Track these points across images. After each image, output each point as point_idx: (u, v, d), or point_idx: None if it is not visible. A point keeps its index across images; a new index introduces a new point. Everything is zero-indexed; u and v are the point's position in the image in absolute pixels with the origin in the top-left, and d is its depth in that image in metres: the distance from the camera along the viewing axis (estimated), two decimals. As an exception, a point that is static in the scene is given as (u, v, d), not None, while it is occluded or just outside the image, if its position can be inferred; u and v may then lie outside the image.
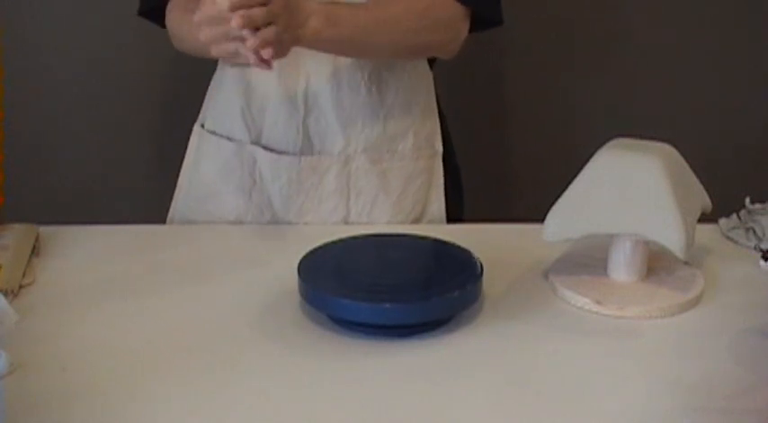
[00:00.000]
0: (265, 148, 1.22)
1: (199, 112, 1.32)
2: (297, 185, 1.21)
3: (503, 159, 1.93)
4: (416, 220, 1.25)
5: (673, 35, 1.84)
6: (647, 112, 1.86)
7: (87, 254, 1.11)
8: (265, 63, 0.98)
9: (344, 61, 1.18)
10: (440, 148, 1.26)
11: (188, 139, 1.31)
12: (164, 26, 1.26)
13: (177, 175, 1.32)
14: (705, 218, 1.08)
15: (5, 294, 0.94)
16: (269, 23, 0.96)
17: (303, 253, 0.99)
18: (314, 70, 1.19)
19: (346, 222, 1.22)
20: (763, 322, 0.94)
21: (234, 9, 0.94)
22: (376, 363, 0.87)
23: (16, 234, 1.10)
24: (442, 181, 1.26)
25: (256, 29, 0.96)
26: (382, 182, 1.22)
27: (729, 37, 1.84)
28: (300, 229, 1.20)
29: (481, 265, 0.97)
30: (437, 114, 1.28)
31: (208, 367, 0.86)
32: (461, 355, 0.88)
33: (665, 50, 1.84)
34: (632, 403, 0.81)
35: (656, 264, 1.04)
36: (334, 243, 1.03)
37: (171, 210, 1.32)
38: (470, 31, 1.20)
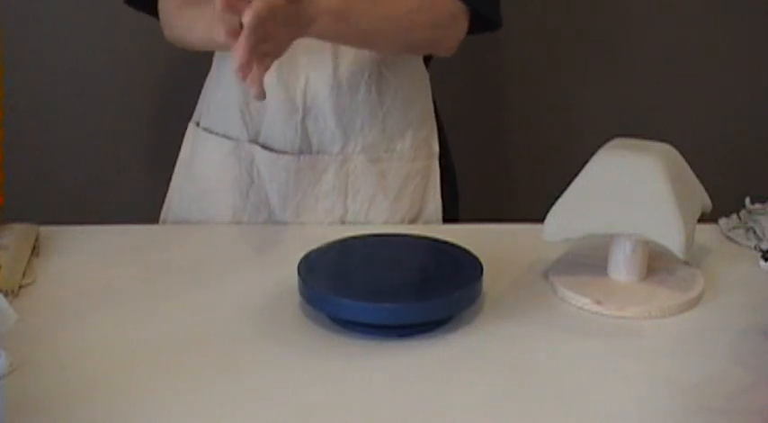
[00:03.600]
0: (263, 146, 1.21)
1: (194, 110, 1.32)
2: (294, 184, 1.21)
3: (502, 160, 1.93)
4: (413, 221, 1.25)
5: (672, 35, 1.84)
6: (647, 112, 1.86)
7: (87, 254, 1.11)
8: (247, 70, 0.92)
9: (345, 61, 1.18)
10: (437, 148, 1.26)
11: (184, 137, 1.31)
12: (150, 13, 1.24)
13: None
14: (705, 218, 1.08)
15: (5, 294, 0.94)
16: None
17: (302, 253, 0.99)
18: (313, 70, 1.19)
19: (343, 222, 1.22)
20: (763, 322, 0.94)
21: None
22: (376, 363, 0.87)
23: (16, 234, 1.10)
24: (438, 181, 1.26)
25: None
26: (380, 181, 1.22)
27: (729, 36, 1.84)
28: (299, 229, 1.20)
29: (481, 265, 0.97)
30: (434, 115, 1.28)
31: (207, 367, 0.86)
32: (461, 355, 0.88)
33: (664, 50, 1.84)
34: (632, 403, 0.81)
35: (656, 264, 1.04)
36: (333, 243, 1.03)
37: (164, 208, 1.31)
38: (469, 32, 1.20)
